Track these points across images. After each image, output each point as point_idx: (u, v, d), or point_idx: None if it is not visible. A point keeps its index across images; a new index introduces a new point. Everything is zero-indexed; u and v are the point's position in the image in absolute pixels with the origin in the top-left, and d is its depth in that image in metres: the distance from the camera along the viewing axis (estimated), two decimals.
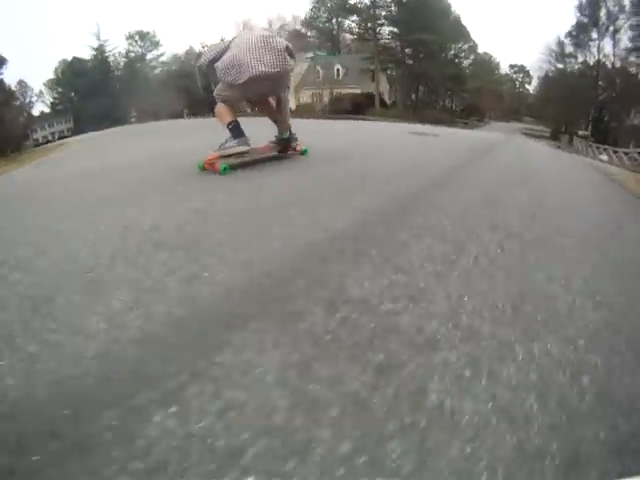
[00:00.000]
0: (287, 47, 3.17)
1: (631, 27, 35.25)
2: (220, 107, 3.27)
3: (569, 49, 39.28)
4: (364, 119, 19.12)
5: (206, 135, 5.09)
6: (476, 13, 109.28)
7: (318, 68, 38.82)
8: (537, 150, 10.17)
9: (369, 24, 35.94)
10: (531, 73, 57.24)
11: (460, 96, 49.05)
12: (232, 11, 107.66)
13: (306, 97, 38.91)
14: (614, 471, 0.77)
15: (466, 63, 46.62)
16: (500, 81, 61.75)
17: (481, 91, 46.84)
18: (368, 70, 34.49)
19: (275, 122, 3.72)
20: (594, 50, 37.50)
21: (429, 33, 30.91)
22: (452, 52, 41.24)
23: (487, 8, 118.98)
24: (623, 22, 35.56)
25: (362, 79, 34.97)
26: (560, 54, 39.88)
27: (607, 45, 37.18)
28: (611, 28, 36.22)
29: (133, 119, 39.44)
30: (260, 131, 3.84)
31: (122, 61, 48.28)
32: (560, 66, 40.27)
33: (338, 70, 37.16)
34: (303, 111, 29.22)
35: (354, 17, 37.18)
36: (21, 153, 24.18)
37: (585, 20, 37.30)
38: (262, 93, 3.46)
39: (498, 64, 61.10)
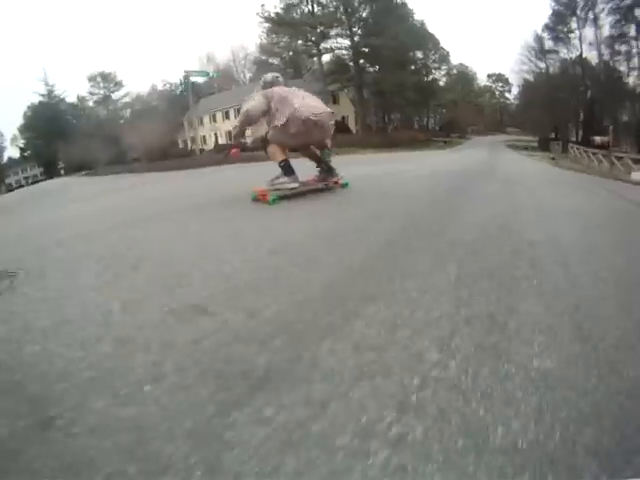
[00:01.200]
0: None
1: (611, 11, 30.96)
2: (273, 147, 3.58)
3: (549, 44, 35.18)
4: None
5: None
6: (447, 24, 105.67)
7: None
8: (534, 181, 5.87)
9: (311, 37, 30.95)
10: (510, 80, 54.33)
11: (438, 112, 45.32)
12: (193, 45, 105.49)
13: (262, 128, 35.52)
14: None
15: (439, 75, 42.86)
16: (479, 93, 58.65)
17: (458, 105, 43.07)
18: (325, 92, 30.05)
19: (317, 161, 3.99)
20: (576, 42, 33.30)
21: (384, 39, 26.26)
22: (420, 62, 37.02)
23: (457, 17, 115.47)
24: (602, 7, 31.21)
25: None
26: (540, 51, 35.59)
27: (589, 35, 33.26)
28: (591, 15, 31.89)
29: (62, 170, 35.61)
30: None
31: (84, 104, 45.47)
32: (541, 65, 36.16)
33: None
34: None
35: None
36: None
37: (562, 9, 33.12)
38: (309, 142, 3.75)
39: (475, 75, 57.91)
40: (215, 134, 39.44)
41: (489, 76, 63.16)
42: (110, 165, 29.70)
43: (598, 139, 25.25)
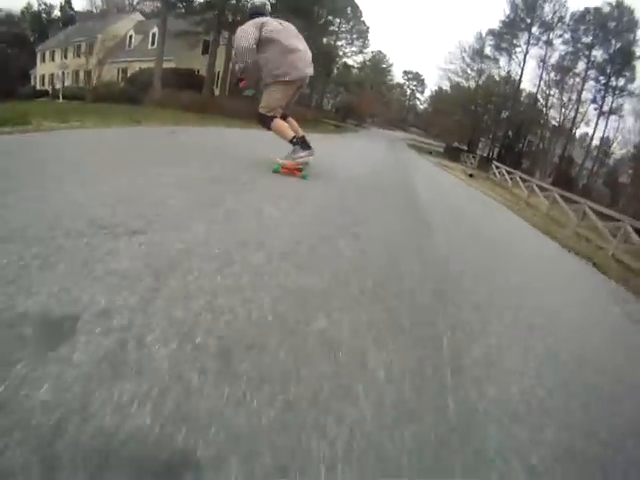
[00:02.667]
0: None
1: (567, 41, 30.51)
2: (279, 124, 3.23)
3: (488, 50, 33.99)
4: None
5: None
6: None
7: (131, 33, 28.42)
8: None
9: None
10: (426, 81, 51.58)
11: (339, 92, 39.01)
12: None
13: (113, 73, 26.75)
14: None
15: (349, 50, 36.31)
16: (390, 86, 54.31)
17: (363, 89, 37.24)
18: (192, 35, 21.09)
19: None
20: (520, 56, 32.30)
21: None
22: (325, 20, 30.32)
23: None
24: (559, 33, 30.73)
25: (187, 50, 22.06)
26: (478, 53, 33.88)
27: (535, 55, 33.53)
28: (544, 37, 30.93)
29: None
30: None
31: None
32: (475, 67, 34.26)
33: (154, 35, 24.09)
34: (100, 94, 19.17)
35: None
36: None
37: (517, 21, 31.74)
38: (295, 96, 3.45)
39: (391, 67, 52.94)
40: (63, 73, 28.71)
41: (405, 72, 60.67)
42: None
43: None
